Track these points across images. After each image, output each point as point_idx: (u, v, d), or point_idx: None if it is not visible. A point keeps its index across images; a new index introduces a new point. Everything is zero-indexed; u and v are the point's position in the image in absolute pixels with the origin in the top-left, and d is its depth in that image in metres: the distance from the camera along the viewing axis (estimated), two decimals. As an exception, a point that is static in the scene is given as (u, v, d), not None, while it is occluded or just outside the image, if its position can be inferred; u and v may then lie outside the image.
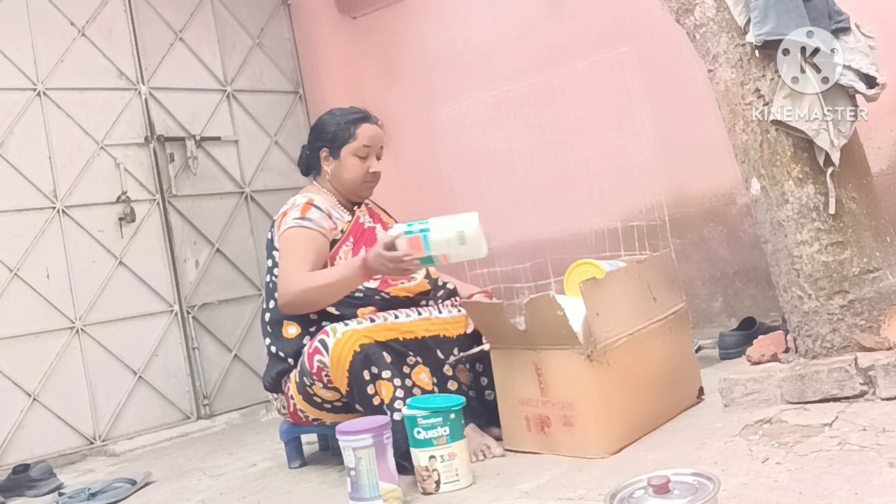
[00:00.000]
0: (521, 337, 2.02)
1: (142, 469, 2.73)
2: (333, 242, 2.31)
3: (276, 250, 2.31)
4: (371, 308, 2.23)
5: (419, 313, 2.25)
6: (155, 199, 3.51)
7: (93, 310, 3.28)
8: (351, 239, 2.33)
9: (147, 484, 2.55)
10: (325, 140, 2.38)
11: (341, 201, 2.39)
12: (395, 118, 3.91)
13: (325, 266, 2.26)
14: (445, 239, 2.03)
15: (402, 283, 2.31)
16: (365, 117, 2.39)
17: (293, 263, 2.20)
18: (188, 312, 3.52)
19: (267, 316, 2.32)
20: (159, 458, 2.96)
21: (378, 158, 2.39)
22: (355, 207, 2.42)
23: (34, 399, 3.07)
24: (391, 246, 2.03)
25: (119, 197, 3.39)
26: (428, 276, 2.40)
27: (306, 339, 2.21)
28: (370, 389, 2.06)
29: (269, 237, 2.37)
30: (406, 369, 2.10)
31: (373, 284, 2.26)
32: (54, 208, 3.23)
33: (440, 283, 2.42)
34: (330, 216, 2.32)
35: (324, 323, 2.20)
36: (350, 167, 2.35)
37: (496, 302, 2.08)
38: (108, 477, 2.72)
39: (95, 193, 3.35)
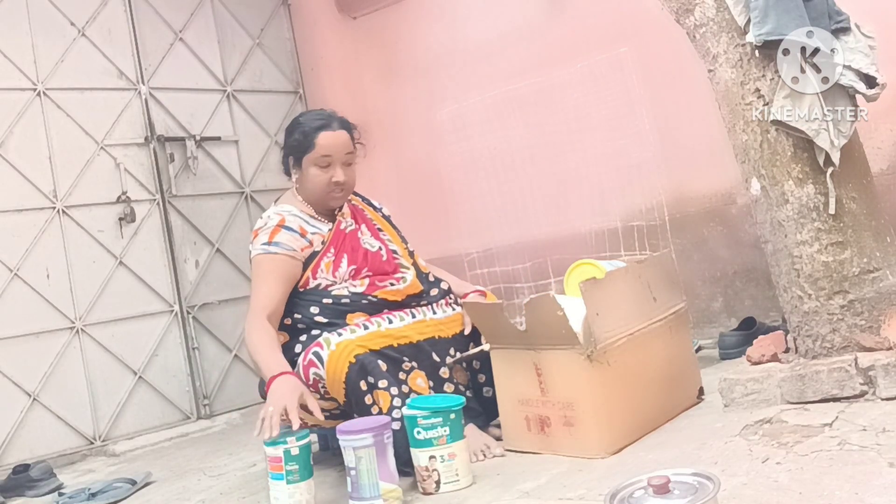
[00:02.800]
0: (521, 337, 2.02)
1: (142, 469, 2.73)
2: (314, 254, 2.27)
3: None
4: (361, 313, 2.20)
5: (413, 315, 2.24)
6: (155, 199, 3.51)
7: (93, 310, 3.28)
8: (332, 249, 2.28)
9: (147, 484, 2.55)
10: (289, 148, 2.33)
11: (317, 209, 2.33)
12: (395, 118, 3.91)
13: (293, 285, 2.24)
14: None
15: (391, 283, 2.28)
16: (325, 125, 2.28)
17: (257, 294, 2.21)
18: (188, 312, 3.52)
19: None
20: (159, 458, 2.96)
21: (348, 165, 2.30)
22: (336, 211, 2.37)
23: (34, 399, 3.07)
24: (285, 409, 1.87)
25: (119, 197, 3.39)
26: (420, 274, 2.37)
27: (298, 348, 2.19)
28: (368, 399, 2.04)
29: (250, 249, 2.33)
30: (402, 375, 2.09)
31: (359, 289, 2.24)
32: (54, 208, 3.23)
33: (432, 280, 2.39)
34: (303, 233, 2.26)
35: (314, 332, 2.18)
36: (311, 177, 2.28)
37: (496, 302, 2.08)
38: (108, 477, 2.72)
39: (95, 193, 3.35)
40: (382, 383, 2.04)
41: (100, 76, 3.43)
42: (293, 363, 2.18)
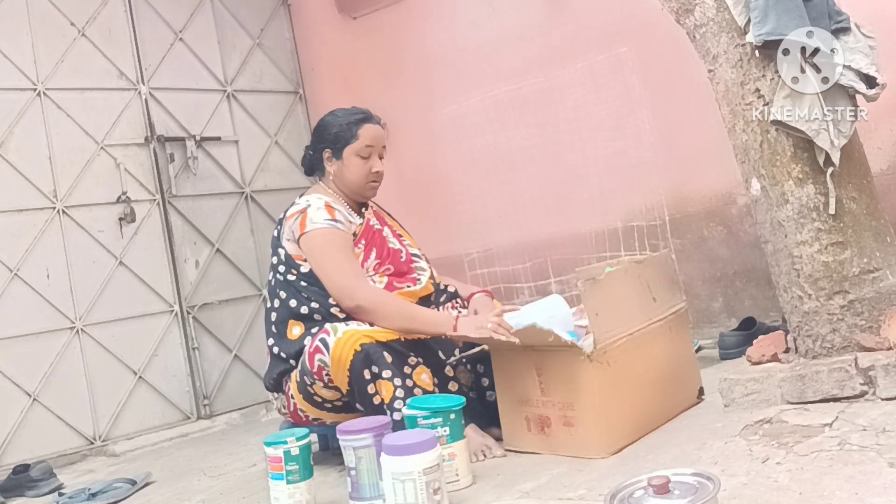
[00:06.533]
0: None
1: (142, 469, 2.73)
2: None
3: (283, 248, 2.30)
4: None
5: None
6: (155, 200, 3.51)
7: (93, 310, 3.28)
8: (363, 241, 2.33)
9: (147, 484, 2.55)
10: (327, 141, 2.38)
11: (348, 202, 2.39)
12: (395, 118, 3.89)
13: None
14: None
15: (408, 286, 2.30)
16: (367, 118, 2.39)
17: (343, 265, 2.22)
18: (188, 312, 3.52)
19: (273, 316, 2.31)
20: (159, 458, 2.96)
21: (381, 158, 2.39)
22: (363, 209, 2.43)
23: (34, 399, 3.07)
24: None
25: (119, 197, 3.39)
26: (432, 277, 2.40)
27: (307, 340, 2.20)
28: (370, 389, 2.06)
29: (276, 235, 2.36)
30: (407, 369, 2.09)
31: (378, 286, 2.26)
32: (54, 208, 3.23)
33: (442, 287, 2.42)
34: (347, 219, 2.33)
35: (328, 324, 2.19)
36: (353, 167, 2.35)
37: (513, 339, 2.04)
38: (108, 477, 2.72)
39: (95, 193, 3.35)
40: (386, 374, 2.05)
41: (100, 76, 3.43)
42: (301, 353, 2.20)
